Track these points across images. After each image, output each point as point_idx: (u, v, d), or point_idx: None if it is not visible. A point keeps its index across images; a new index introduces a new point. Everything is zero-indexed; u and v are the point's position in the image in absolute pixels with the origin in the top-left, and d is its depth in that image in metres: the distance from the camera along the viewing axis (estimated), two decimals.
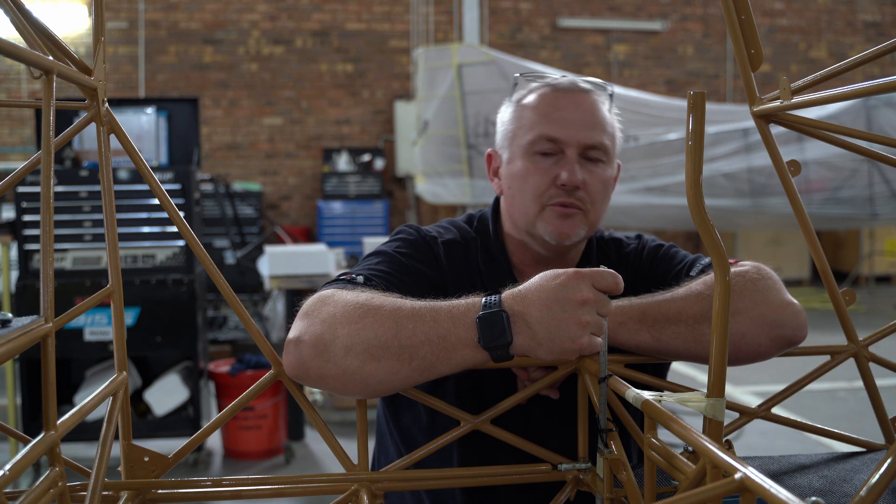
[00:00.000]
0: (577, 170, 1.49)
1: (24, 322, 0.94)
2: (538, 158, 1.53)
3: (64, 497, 0.92)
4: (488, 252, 1.62)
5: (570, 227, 1.52)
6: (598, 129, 1.53)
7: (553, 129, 1.51)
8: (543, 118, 1.53)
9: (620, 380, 1.20)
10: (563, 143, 1.51)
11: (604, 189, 1.54)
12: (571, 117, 1.52)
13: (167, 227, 4.40)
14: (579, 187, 1.50)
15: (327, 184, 10.64)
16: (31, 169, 1.17)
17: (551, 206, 1.52)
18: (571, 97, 1.54)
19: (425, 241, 1.58)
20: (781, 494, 0.71)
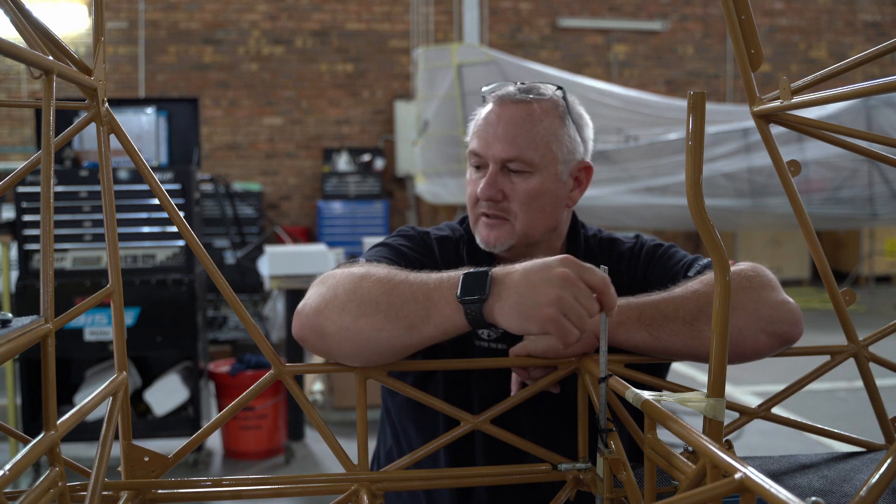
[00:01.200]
0: (490, 184, 1.57)
1: (24, 322, 0.94)
2: (472, 171, 1.64)
3: (64, 497, 0.92)
4: (474, 247, 1.68)
5: (495, 237, 1.60)
6: (518, 142, 1.57)
7: (477, 145, 1.61)
8: (475, 134, 1.63)
9: (620, 380, 1.20)
10: (484, 157, 1.60)
11: (528, 199, 1.59)
12: (494, 132, 1.59)
13: (167, 227, 4.40)
14: (496, 199, 1.58)
15: (327, 184, 10.64)
16: (31, 169, 1.17)
17: (481, 216, 1.62)
18: (501, 110, 1.60)
19: (421, 237, 1.69)
20: (781, 494, 0.71)
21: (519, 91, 1.61)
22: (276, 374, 1.31)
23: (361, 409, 1.29)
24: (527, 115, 1.59)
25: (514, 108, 1.60)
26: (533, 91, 1.62)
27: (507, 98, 1.61)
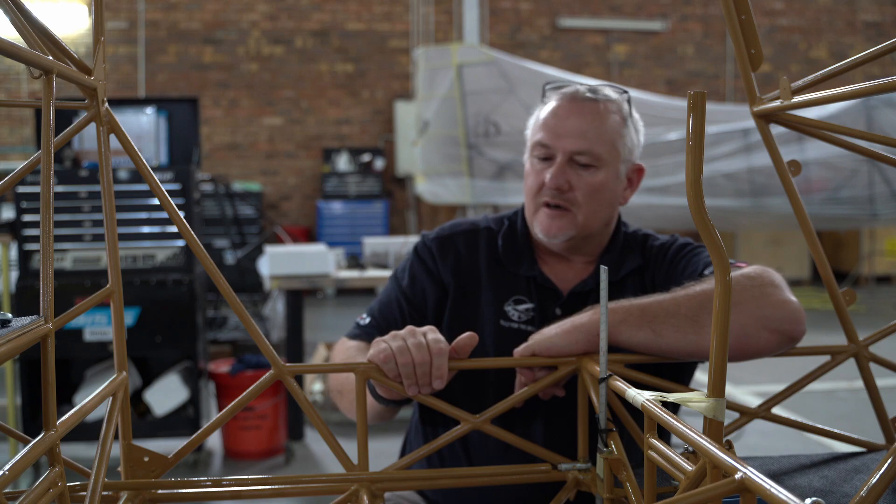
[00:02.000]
0: (559, 173, 1.64)
1: (24, 322, 0.94)
2: (535, 162, 1.70)
3: (64, 497, 0.92)
4: (513, 234, 1.77)
5: (556, 227, 1.66)
6: (589, 137, 1.64)
7: (546, 136, 1.67)
8: (543, 126, 1.69)
9: (620, 380, 1.20)
10: (552, 148, 1.66)
11: (592, 192, 1.66)
12: (564, 125, 1.66)
13: (167, 227, 4.39)
14: (563, 189, 1.64)
15: (327, 184, 10.64)
16: (31, 169, 1.17)
17: (543, 206, 1.68)
18: (572, 106, 1.67)
19: (437, 246, 1.78)
20: (781, 494, 0.71)
21: (588, 90, 1.69)
22: (276, 374, 1.31)
23: (361, 409, 1.29)
24: (596, 112, 1.66)
25: (584, 105, 1.67)
26: (600, 92, 1.70)
27: (577, 95, 1.68)
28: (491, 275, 1.73)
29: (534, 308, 1.69)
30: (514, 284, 1.72)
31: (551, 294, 1.71)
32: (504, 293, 1.71)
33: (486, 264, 1.75)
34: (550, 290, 1.71)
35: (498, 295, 1.71)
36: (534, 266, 1.73)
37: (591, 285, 1.70)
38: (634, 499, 1.13)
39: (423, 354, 1.33)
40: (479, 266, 1.74)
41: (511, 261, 1.73)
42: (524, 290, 1.71)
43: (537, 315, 1.68)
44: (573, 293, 1.70)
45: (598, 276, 1.68)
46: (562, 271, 1.74)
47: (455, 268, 1.74)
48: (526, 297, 1.70)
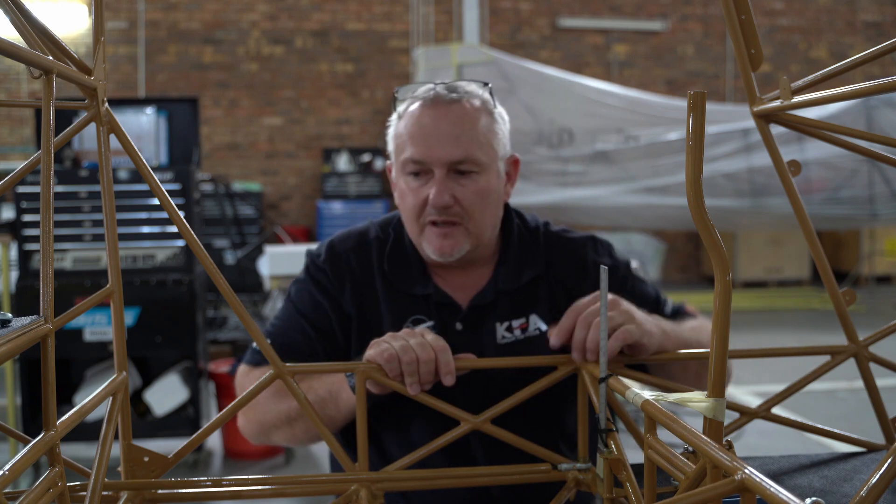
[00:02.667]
0: (443, 189, 1.52)
1: (24, 322, 0.94)
2: (410, 179, 1.57)
3: (64, 497, 0.92)
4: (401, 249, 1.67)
5: (450, 245, 1.56)
6: (464, 142, 1.53)
7: (418, 151, 1.54)
8: (410, 139, 1.55)
9: (621, 379, 1.20)
10: (429, 163, 1.54)
11: (482, 199, 1.56)
12: (435, 135, 1.53)
13: (167, 227, 4.40)
14: (449, 205, 1.53)
15: (327, 184, 10.64)
16: (31, 169, 1.17)
17: (429, 226, 1.56)
18: (435, 112, 1.55)
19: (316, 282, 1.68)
20: (781, 494, 0.71)
21: (448, 90, 1.57)
22: (276, 374, 1.31)
23: (361, 408, 1.29)
24: (463, 113, 1.55)
25: (449, 109, 1.55)
26: (460, 89, 1.58)
27: (437, 99, 1.56)
28: (387, 297, 1.63)
29: (434, 326, 1.60)
30: (411, 303, 1.62)
31: (449, 309, 1.62)
32: (402, 314, 1.62)
33: (382, 285, 1.64)
34: (448, 305, 1.62)
35: (397, 317, 1.61)
36: (427, 283, 1.63)
37: (490, 296, 1.62)
38: (634, 499, 1.13)
39: (428, 352, 1.32)
40: (376, 288, 1.64)
41: (403, 281, 1.64)
42: (422, 309, 1.62)
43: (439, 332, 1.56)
44: (473, 306, 1.62)
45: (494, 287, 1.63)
46: (458, 284, 1.65)
47: (353, 294, 1.64)
48: (425, 316, 1.61)
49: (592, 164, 8.58)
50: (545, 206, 8.42)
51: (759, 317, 9.05)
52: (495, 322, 1.62)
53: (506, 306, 1.62)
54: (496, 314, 1.62)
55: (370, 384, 1.38)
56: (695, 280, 11.82)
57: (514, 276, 1.64)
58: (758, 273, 10.99)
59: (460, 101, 1.56)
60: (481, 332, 1.62)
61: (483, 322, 1.62)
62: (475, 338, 1.61)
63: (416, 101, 1.59)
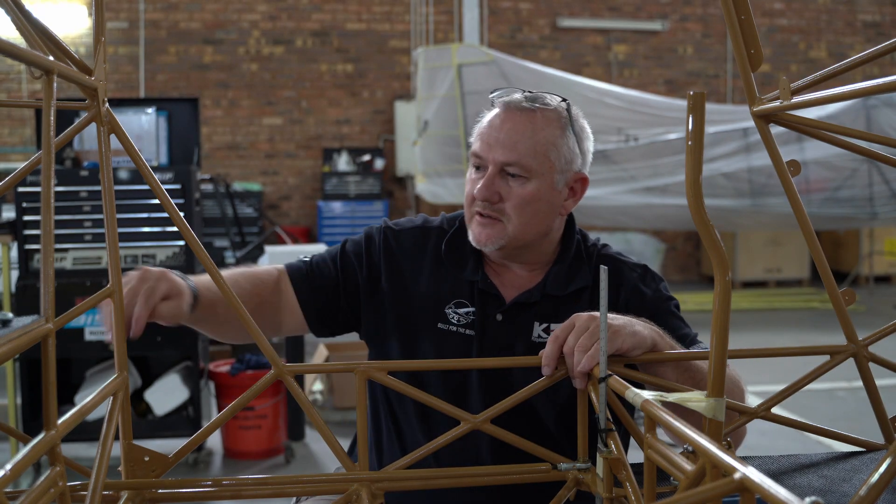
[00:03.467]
0: (488, 184, 1.64)
1: (24, 322, 0.94)
2: (472, 171, 1.71)
3: (64, 497, 0.92)
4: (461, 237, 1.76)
5: (485, 236, 1.66)
6: (519, 149, 1.64)
7: (479, 147, 1.68)
8: (479, 136, 1.70)
9: (620, 380, 1.20)
10: (484, 160, 1.67)
11: (523, 203, 1.65)
12: (496, 136, 1.66)
13: (167, 227, 4.39)
14: (492, 200, 1.65)
15: (327, 184, 10.63)
16: (32, 169, 1.17)
17: (476, 215, 1.68)
18: (507, 116, 1.67)
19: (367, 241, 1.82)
20: (781, 494, 0.72)
21: (525, 99, 1.67)
22: (277, 373, 1.31)
23: (361, 408, 1.29)
24: (530, 122, 1.65)
25: (519, 115, 1.66)
26: (538, 100, 1.68)
27: (512, 105, 1.67)
28: (434, 276, 1.74)
29: (474, 312, 1.70)
30: (457, 288, 1.72)
31: (493, 300, 1.71)
32: (446, 296, 1.72)
33: (431, 265, 1.76)
34: (493, 296, 1.71)
35: (439, 297, 1.72)
36: (478, 270, 1.73)
37: (536, 297, 1.70)
38: (634, 498, 1.13)
39: (129, 298, 1.40)
40: (423, 266, 1.76)
41: (454, 263, 1.74)
42: (466, 294, 1.71)
43: (477, 319, 1.69)
44: (516, 303, 1.70)
45: (542, 289, 1.70)
46: (507, 279, 1.74)
47: (397, 264, 1.77)
48: (468, 301, 1.71)
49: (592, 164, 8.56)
50: None
51: (759, 317, 9.05)
52: (534, 320, 1.69)
53: (548, 308, 1.70)
54: (536, 313, 1.70)
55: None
56: (694, 280, 11.82)
57: (562, 284, 1.72)
58: (757, 273, 10.99)
59: (533, 111, 1.66)
60: (519, 326, 1.69)
61: (522, 318, 1.69)
62: (512, 330, 1.69)
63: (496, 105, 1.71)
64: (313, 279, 1.76)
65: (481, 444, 1.58)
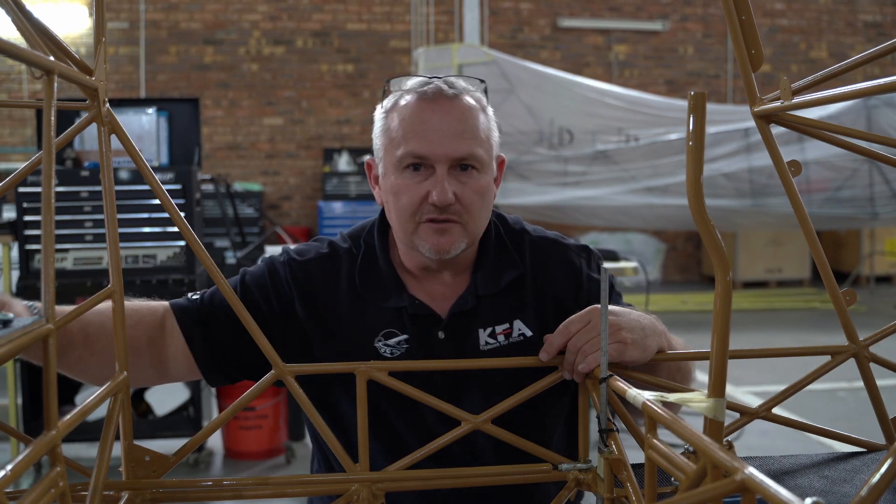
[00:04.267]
0: (446, 187, 1.47)
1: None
2: (408, 175, 1.50)
3: (65, 497, 0.92)
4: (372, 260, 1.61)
5: (447, 242, 1.50)
6: (467, 139, 1.49)
7: (419, 146, 1.48)
8: (409, 133, 1.49)
9: (621, 380, 1.20)
10: (431, 159, 1.48)
11: (480, 197, 1.51)
12: (437, 129, 1.48)
13: (168, 228, 4.40)
14: (451, 203, 1.47)
15: (328, 184, 10.63)
16: (33, 169, 1.17)
17: (425, 223, 1.50)
18: (436, 106, 1.49)
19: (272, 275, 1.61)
20: (782, 494, 0.71)
21: (447, 85, 1.52)
22: (277, 374, 1.31)
23: (362, 408, 1.29)
24: (465, 109, 1.51)
25: (452, 104, 1.50)
26: (458, 85, 1.54)
27: (439, 94, 1.50)
28: (354, 309, 1.56)
29: (407, 339, 1.54)
30: (382, 317, 1.55)
31: (428, 320, 1.56)
32: (372, 329, 1.55)
33: (348, 297, 1.57)
34: (426, 317, 1.56)
35: (365, 332, 1.55)
36: (402, 294, 1.56)
37: (471, 303, 1.56)
38: (635, 499, 1.13)
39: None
40: (340, 299, 1.57)
41: (375, 294, 1.57)
42: (394, 322, 1.55)
43: (414, 345, 1.54)
44: (454, 314, 1.56)
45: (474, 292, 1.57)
46: (436, 293, 1.59)
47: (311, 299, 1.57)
48: (397, 329, 1.55)
49: (593, 165, 8.58)
50: (545, 207, 8.43)
51: (760, 317, 9.05)
52: (478, 329, 1.57)
53: (487, 312, 1.58)
54: (478, 321, 1.57)
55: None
56: (695, 280, 11.82)
57: (494, 280, 1.59)
58: (758, 273, 10.99)
59: (461, 97, 1.51)
60: (464, 340, 1.57)
61: (465, 330, 1.57)
62: (458, 346, 1.56)
63: (410, 94, 1.52)
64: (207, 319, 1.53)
65: (480, 445, 1.57)
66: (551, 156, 8.62)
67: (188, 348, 1.52)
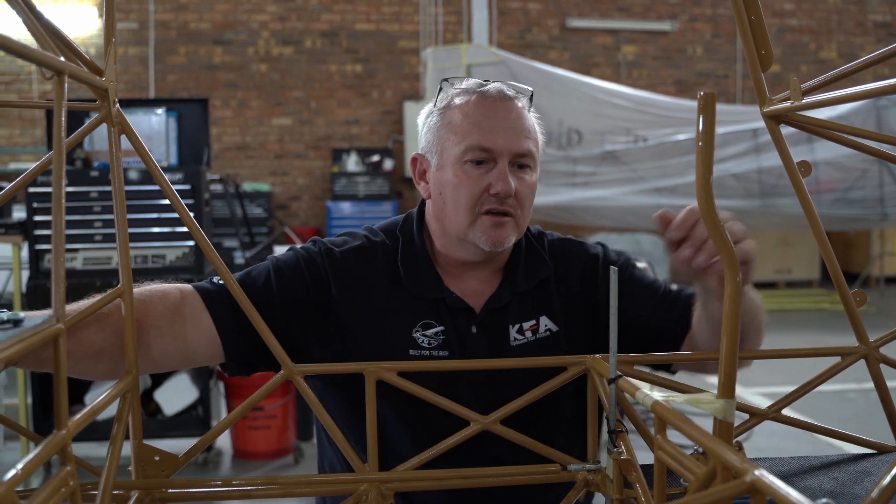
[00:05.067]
0: (510, 179, 1.53)
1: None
2: (470, 167, 1.55)
3: (75, 496, 0.93)
4: (411, 252, 1.64)
5: (503, 234, 1.55)
6: (526, 137, 1.56)
7: (485, 139, 1.53)
8: (475, 127, 1.55)
9: (630, 380, 1.20)
10: (495, 152, 1.54)
11: (531, 195, 1.60)
12: (501, 126, 1.54)
13: (177, 228, 4.41)
14: (511, 196, 1.54)
15: (336, 184, 10.65)
16: (43, 169, 1.18)
17: (484, 215, 1.55)
18: (499, 104, 1.56)
19: (308, 263, 1.59)
20: (792, 496, 0.71)
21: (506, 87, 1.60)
22: (286, 374, 1.31)
23: (371, 409, 1.29)
24: (523, 110, 1.59)
25: (511, 104, 1.58)
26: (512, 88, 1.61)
27: (501, 94, 1.58)
28: (392, 299, 1.60)
29: (444, 331, 1.58)
30: (420, 308, 1.59)
31: (464, 313, 1.60)
32: (410, 319, 1.58)
33: (385, 287, 1.60)
34: (462, 310, 1.60)
35: (404, 322, 1.58)
36: (440, 286, 1.61)
37: (506, 298, 1.62)
38: (644, 500, 1.12)
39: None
40: (377, 290, 1.60)
41: (415, 284, 1.60)
42: (431, 314, 1.59)
43: (450, 337, 1.58)
44: (489, 310, 1.61)
45: (508, 288, 1.62)
46: (470, 287, 1.63)
47: (348, 289, 1.59)
48: (434, 321, 1.59)
49: (601, 165, 8.57)
50: (554, 207, 8.42)
51: (769, 318, 8.96)
52: (508, 324, 1.62)
53: (517, 309, 1.63)
54: (509, 317, 1.62)
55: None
56: None
57: (527, 278, 1.64)
58: (767, 274, 10.95)
59: (516, 98, 1.59)
60: (496, 335, 1.61)
61: (497, 325, 1.62)
62: (490, 341, 1.60)
63: (470, 93, 1.59)
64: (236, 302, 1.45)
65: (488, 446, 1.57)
66: (560, 156, 8.61)
67: (216, 332, 1.47)
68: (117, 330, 1.29)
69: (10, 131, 10.62)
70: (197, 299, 1.47)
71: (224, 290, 1.47)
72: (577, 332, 1.65)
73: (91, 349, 1.30)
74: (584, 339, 1.64)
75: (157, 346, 1.39)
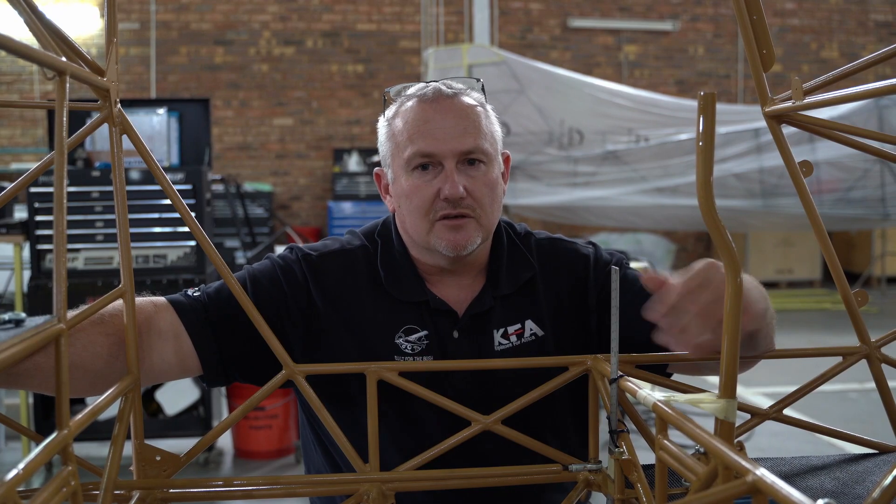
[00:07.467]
0: (456, 181, 1.48)
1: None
2: (417, 175, 1.52)
3: (76, 496, 0.93)
4: (390, 255, 1.61)
5: (463, 238, 1.50)
6: (471, 133, 1.51)
7: (425, 144, 1.50)
8: (414, 134, 1.51)
9: (632, 380, 1.20)
10: (438, 155, 1.50)
11: (490, 190, 1.53)
12: (440, 127, 1.50)
13: (178, 228, 4.41)
14: (463, 197, 1.49)
15: (338, 184, 10.65)
16: (44, 169, 1.18)
17: (439, 221, 1.51)
18: (437, 106, 1.52)
19: (287, 269, 1.56)
20: (793, 496, 0.71)
21: (446, 86, 1.56)
22: (287, 373, 1.31)
23: (372, 409, 1.29)
24: (467, 106, 1.54)
25: (452, 102, 1.53)
26: (454, 85, 1.57)
27: (438, 94, 1.54)
28: (374, 304, 1.56)
29: (427, 335, 1.55)
30: (402, 313, 1.55)
31: (446, 317, 1.56)
32: (393, 324, 1.55)
33: (367, 292, 1.57)
34: (444, 313, 1.56)
35: (386, 327, 1.54)
36: (422, 289, 1.57)
37: (489, 302, 1.57)
38: (645, 500, 1.12)
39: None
40: (359, 295, 1.56)
41: (398, 288, 1.57)
42: (414, 318, 1.55)
43: (433, 342, 1.54)
44: (472, 314, 1.57)
45: (490, 292, 1.58)
46: (453, 291, 1.59)
47: (329, 295, 1.56)
48: (417, 325, 1.55)
49: (602, 165, 8.57)
50: (555, 207, 8.42)
51: None
52: (492, 329, 1.58)
53: (501, 313, 1.59)
54: (492, 321, 1.58)
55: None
56: None
57: (510, 281, 1.60)
58: (769, 274, 10.95)
59: (459, 96, 1.54)
60: (479, 340, 1.57)
61: (480, 330, 1.58)
62: (473, 346, 1.57)
63: (410, 99, 1.56)
64: (218, 317, 1.46)
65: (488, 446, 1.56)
66: (561, 156, 8.61)
67: (192, 344, 1.44)
68: (92, 346, 1.27)
69: (12, 131, 10.62)
70: (171, 313, 1.44)
71: (198, 302, 1.47)
72: (565, 335, 1.60)
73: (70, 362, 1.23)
74: (571, 342, 1.59)
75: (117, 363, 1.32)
